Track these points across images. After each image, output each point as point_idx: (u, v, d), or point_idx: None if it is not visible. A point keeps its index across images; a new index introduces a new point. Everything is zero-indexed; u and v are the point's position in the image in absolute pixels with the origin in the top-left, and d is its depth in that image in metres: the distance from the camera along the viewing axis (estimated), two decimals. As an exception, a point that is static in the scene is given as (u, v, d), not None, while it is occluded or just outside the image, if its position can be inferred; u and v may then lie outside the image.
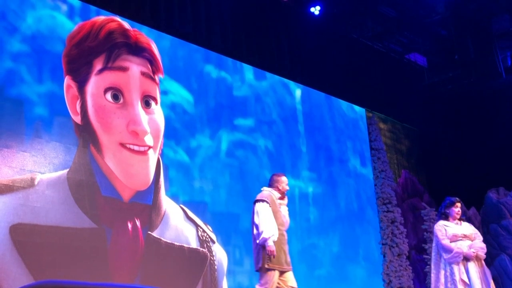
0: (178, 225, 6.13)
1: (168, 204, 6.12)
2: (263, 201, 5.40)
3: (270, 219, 5.28)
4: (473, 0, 9.11)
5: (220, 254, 6.41)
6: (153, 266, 5.70)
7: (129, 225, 5.63)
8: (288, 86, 8.30)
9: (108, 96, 5.67)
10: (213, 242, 6.36)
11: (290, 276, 5.36)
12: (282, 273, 5.31)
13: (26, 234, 4.96)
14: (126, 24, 6.07)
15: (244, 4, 7.71)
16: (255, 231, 5.33)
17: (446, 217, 6.05)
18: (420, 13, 9.37)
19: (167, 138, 6.30)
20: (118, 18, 6.12)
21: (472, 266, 5.74)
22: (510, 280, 9.24)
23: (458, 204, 6.09)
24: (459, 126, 10.93)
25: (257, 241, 5.25)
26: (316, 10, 8.31)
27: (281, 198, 5.60)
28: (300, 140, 8.19)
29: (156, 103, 6.06)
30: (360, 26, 9.38)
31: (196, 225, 6.29)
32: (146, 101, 5.93)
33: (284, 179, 5.67)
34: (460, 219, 6.07)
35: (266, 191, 5.55)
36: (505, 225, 9.57)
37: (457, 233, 5.86)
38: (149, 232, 5.74)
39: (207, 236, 6.34)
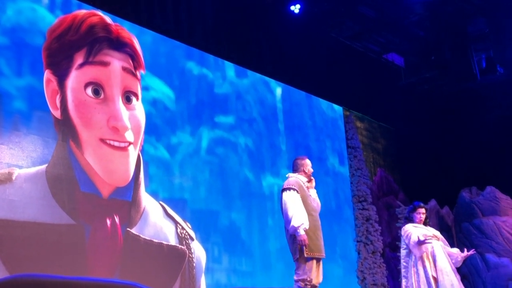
0: (157, 222, 6.09)
1: (147, 201, 6.07)
2: (289, 189, 5.13)
3: (299, 207, 5.02)
4: (450, 2, 9.18)
5: (198, 252, 6.37)
6: (132, 263, 5.67)
7: (108, 222, 5.58)
8: (269, 84, 8.32)
9: (89, 91, 5.62)
10: (192, 239, 6.33)
11: (321, 264, 5.20)
12: (318, 260, 5.15)
13: (3, 228, 4.88)
14: (107, 19, 6.01)
15: (226, 1, 7.68)
16: (285, 221, 5.09)
17: (410, 221, 6.15)
18: (398, 13, 9.44)
19: (148, 134, 6.25)
20: (100, 12, 6.05)
21: (440, 259, 5.86)
22: (481, 278, 9.41)
23: (422, 210, 6.15)
24: (434, 126, 11.10)
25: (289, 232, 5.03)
26: (296, 8, 8.32)
27: (309, 181, 5.37)
28: (280, 138, 8.22)
29: (137, 99, 6.02)
30: (339, 25, 9.42)
31: (176, 222, 6.25)
32: (127, 97, 5.88)
33: (308, 161, 5.43)
34: (425, 224, 6.16)
35: (293, 178, 5.29)
36: (477, 224, 9.72)
37: (427, 233, 5.97)
38: (128, 229, 5.70)
39: (186, 234, 6.31)
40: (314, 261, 5.06)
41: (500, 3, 8.96)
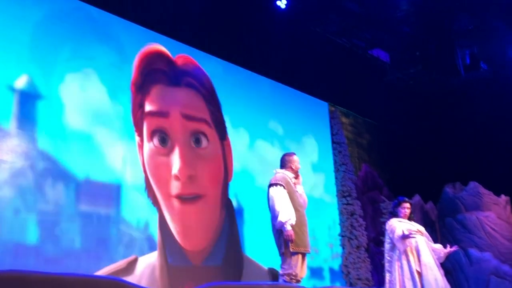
0: None
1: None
2: (276, 184, 5.22)
3: (285, 202, 5.12)
4: (435, -2, 9.25)
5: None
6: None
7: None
8: (254, 79, 8.31)
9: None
10: None
11: (306, 259, 5.30)
12: (303, 255, 5.24)
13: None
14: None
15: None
16: (272, 216, 5.19)
17: (395, 216, 6.20)
18: (384, 9, 9.46)
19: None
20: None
21: (424, 254, 5.92)
22: (464, 273, 9.50)
23: (406, 204, 6.20)
24: (419, 121, 11.17)
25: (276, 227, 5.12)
26: (282, 3, 8.32)
27: (296, 178, 5.45)
28: (266, 132, 8.25)
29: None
30: (325, 21, 9.43)
31: None
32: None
33: (296, 158, 5.51)
34: (409, 219, 6.21)
35: (280, 173, 5.37)
36: (460, 219, 9.82)
37: (412, 228, 6.01)
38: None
39: None
40: (300, 256, 5.15)
41: (485, 0, 9.02)
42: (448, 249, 6.07)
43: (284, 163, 5.52)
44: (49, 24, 5.75)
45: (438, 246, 6.18)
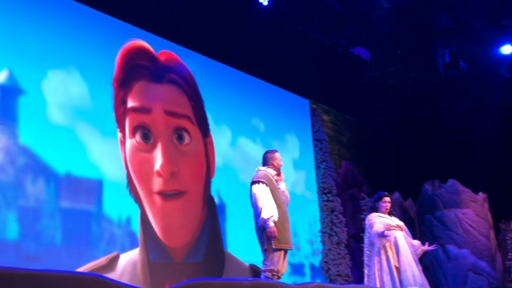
0: None
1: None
2: (258, 182, 5.24)
3: (268, 199, 5.15)
4: (415, -3, 9.33)
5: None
6: None
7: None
8: (236, 76, 8.32)
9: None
10: None
11: (287, 255, 5.34)
12: (285, 251, 5.27)
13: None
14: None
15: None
16: (255, 213, 5.22)
17: (375, 210, 6.25)
18: (365, 8, 9.51)
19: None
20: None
21: (403, 249, 5.98)
22: (442, 269, 9.62)
23: (387, 199, 6.25)
24: (399, 119, 11.26)
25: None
26: (265, 1, 8.32)
27: (278, 175, 5.47)
28: (247, 130, 8.27)
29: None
30: (307, 18, 9.46)
31: None
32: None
33: (277, 155, 5.53)
34: (389, 214, 6.28)
35: (262, 171, 5.39)
36: (439, 216, 9.92)
37: (391, 223, 6.07)
38: None
39: None
40: (282, 252, 5.19)
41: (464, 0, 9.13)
42: (426, 246, 6.14)
43: (266, 161, 5.54)
44: (31, 19, 5.70)
45: (416, 242, 6.25)
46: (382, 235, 5.88)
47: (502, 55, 10.00)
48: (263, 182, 5.24)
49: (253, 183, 5.31)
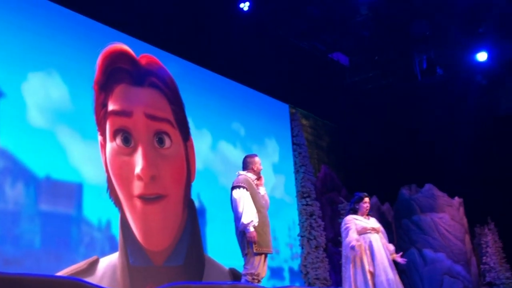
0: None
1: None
2: (239, 187, 5.30)
3: (248, 204, 5.21)
4: (393, 4, 9.41)
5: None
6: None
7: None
8: (216, 80, 8.34)
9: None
10: None
11: (267, 259, 5.38)
12: (265, 255, 5.31)
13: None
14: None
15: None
16: (235, 218, 5.27)
17: (355, 212, 6.29)
18: (344, 14, 9.61)
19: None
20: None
21: (378, 253, 6.04)
22: (418, 273, 9.75)
23: (367, 199, 6.31)
24: (377, 124, 11.39)
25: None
26: (245, 6, 8.37)
27: (258, 179, 5.52)
28: (227, 133, 8.28)
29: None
30: (287, 24, 9.52)
31: None
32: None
33: (257, 159, 5.58)
34: (368, 214, 6.34)
35: (242, 175, 5.44)
36: (416, 220, 10.05)
37: (367, 226, 6.14)
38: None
39: None
40: (262, 256, 5.25)
41: (442, 6, 9.26)
42: (399, 257, 6.19)
43: (246, 165, 5.60)
44: (12, 22, 5.65)
45: (391, 247, 6.29)
46: (352, 248, 5.95)
47: (477, 62, 10.16)
48: (243, 187, 5.30)
49: (233, 188, 5.37)
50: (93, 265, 5.79)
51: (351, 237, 6.00)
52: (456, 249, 9.83)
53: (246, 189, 5.29)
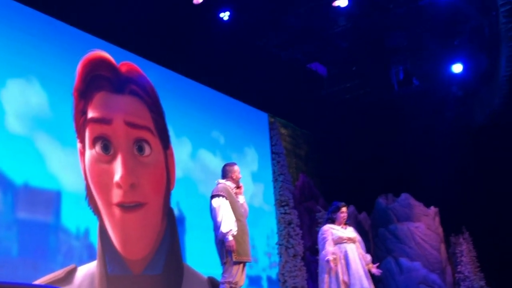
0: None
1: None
2: (218, 195, 5.33)
3: (227, 213, 5.23)
4: (371, 15, 9.54)
5: None
6: None
7: None
8: (196, 88, 8.35)
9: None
10: None
11: (245, 268, 5.40)
12: (244, 264, 5.33)
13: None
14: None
15: (157, 4, 7.62)
16: (214, 227, 5.28)
17: (332, 221, 6.36)
18: (322, 25, 9.71)
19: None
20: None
21: (353, 262, 6.09)
22: (394, 281, 9.82)
23: (344, 209, 6.38)
24: (355, 134, 11.49)
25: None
26: (225, 15, 8.42)
27: (237, 188, 5.55)
28: (208, 142, 8.29)
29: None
30: (267, 34, 9.60)
31: None
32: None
33: (236, 168, 5.62)
34: (345, 224, 6.40)
35: (221, 184, 5.48)
36: (392, 230, 10.14)
37: (343, 236, 6.19)
38: None
39: None
40: (241, 265, 5.26)
41: (418, 19, 9.42)
42: (374, 268, 6.26)
43: (225, 173, 5.64)
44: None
45: (368, 258, 6.35)
46: (328, 262, 5.99)
47: (453, 74, 10.33)
48: (222, 196, 5.34)
49: (212, 196, 5.41)
50: (70, 274, 5.74)
51: (327, 250, 6.07)
52: (431, 258, 9.93)
53: (225, 198, 5.33)
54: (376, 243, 10.23)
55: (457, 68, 10.17)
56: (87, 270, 5.94)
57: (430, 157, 10.82)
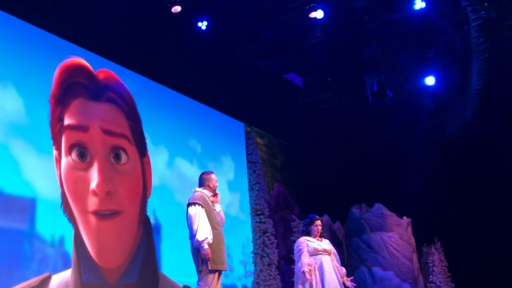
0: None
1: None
2: (194, 204, 5.32)
3: (203, 221, 5.23)
4: (346, 27, 9.69)
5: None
6: None
7: None
8: (173, 97, 8.36)
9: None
10: None
11: (221, 276, 5.40)
12: (220, 272, 5.33)
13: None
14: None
15: (135, 12, 7.63)
16: (190, 235, 5.27)
17: (308, 234, 6.42)
18: (299, 36, 9.83)
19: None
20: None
21: (328, 274, 6.15)
22: (368, 290, 9.90)
23: (318, 222, 6.43)
24: (329, 144, 11.59)
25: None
26: (203, 25, 8.46)
27: (214, 196, 5.54)
28: (184, 150, 8.30)
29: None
30: (243, 44, 9.67)
31: None
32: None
33: (213, 176, 5.60)
34: (320, 236, 6.47)
35: (198, 192, 5.47)
36: (366, 239, 10.20)
37: (318, 248, 6.26)
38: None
39: None
40: (216, 274, 5.28)
41: (392, 32, 9.58)
42: (348, 282, 6.33)
43: (202, 182, 5.64)
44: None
45: (343, 271, 6.40)
46: (303, 274, 6.05)
47: (426, 86, 10.50)
48: (199, 204, 5.33)
49: (189, 204, 5.41)
50: (45, 282, 5.67)
51: (303, 261, 6.12)
52: (404, 267, 10.01)
53: (202, 206, 5.33)
54: (350, 252, 10.29)
55: (430, 80, 10.33)
56: (62, 278, 5.88)
57: (403, 168, 10.96)
